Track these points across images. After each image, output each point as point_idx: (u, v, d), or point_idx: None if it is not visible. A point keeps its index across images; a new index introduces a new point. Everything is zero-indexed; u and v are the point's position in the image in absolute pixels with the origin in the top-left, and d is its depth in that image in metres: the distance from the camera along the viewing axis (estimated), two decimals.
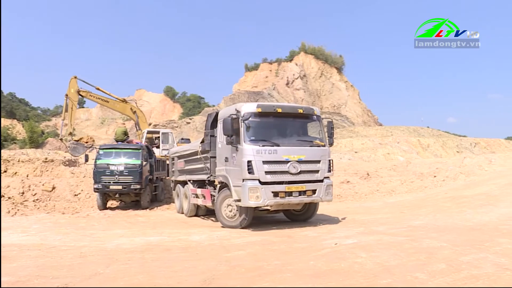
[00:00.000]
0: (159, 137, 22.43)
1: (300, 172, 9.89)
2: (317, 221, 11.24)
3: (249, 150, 9.46)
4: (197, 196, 12.52)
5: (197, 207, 13.26)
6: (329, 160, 10.41)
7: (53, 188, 17.62)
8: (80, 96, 23.81)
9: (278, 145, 9.77)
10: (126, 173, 15.81)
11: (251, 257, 6.68)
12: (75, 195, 17.68)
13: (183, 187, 14.20)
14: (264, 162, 9.51)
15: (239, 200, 9.74)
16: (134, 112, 24.73)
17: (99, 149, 16.98)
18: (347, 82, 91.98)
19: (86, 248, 7.77)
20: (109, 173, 15.75)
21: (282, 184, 9.71)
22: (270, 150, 9.64)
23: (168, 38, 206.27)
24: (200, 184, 12.66)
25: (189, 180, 13.40)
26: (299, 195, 9.94)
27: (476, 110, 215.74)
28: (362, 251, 6.76)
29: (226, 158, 10.23)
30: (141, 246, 8.04)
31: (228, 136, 9.64)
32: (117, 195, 16.46)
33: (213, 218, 12.54)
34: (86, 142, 23.09)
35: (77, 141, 23.14)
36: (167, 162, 21.77)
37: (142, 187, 16.03)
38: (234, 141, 9.64)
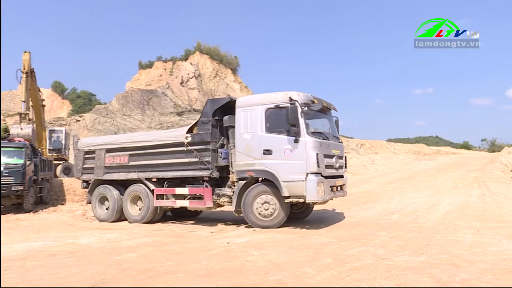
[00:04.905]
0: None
1: (339, 167, 9.94)
2: (212, 220, 11.32)
3: (314, 142, 9.03)
4: (167, 198, 11.00)
5: (155, 210, 11.39)
6: (345, 157, 10.68)
7: None
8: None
9: (328, 139, 9.69)
10: (6, 174, 14.48)
11: (142, 259, 6.51)
12: None
13: (119, 189, 11.96)
14: (325, 156, 9.26)
15: (288, 197, 9.11)
16: (43, 106, 22.78)
17: None
18: (241, 83, 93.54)
19: None
20: None
21: (333, 178, 9.57)
22: (326, 143, 9.50)
23: (57, 29, 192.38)
24: (173, 183, 11.06)
25: (149, 178, 11.34)
26: (340, 189, 9.96)
27: (362, 114, 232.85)
28: (253, 249, 6.94)
29: (266, 150, 9.36)
30: (21, 253, 7.37)
31: (293, 127, 8.98)
32: None
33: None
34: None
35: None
36: (54, 162, 20.49)
37: (25, 189, 14.79)
38: (298, 133, 9.00)
